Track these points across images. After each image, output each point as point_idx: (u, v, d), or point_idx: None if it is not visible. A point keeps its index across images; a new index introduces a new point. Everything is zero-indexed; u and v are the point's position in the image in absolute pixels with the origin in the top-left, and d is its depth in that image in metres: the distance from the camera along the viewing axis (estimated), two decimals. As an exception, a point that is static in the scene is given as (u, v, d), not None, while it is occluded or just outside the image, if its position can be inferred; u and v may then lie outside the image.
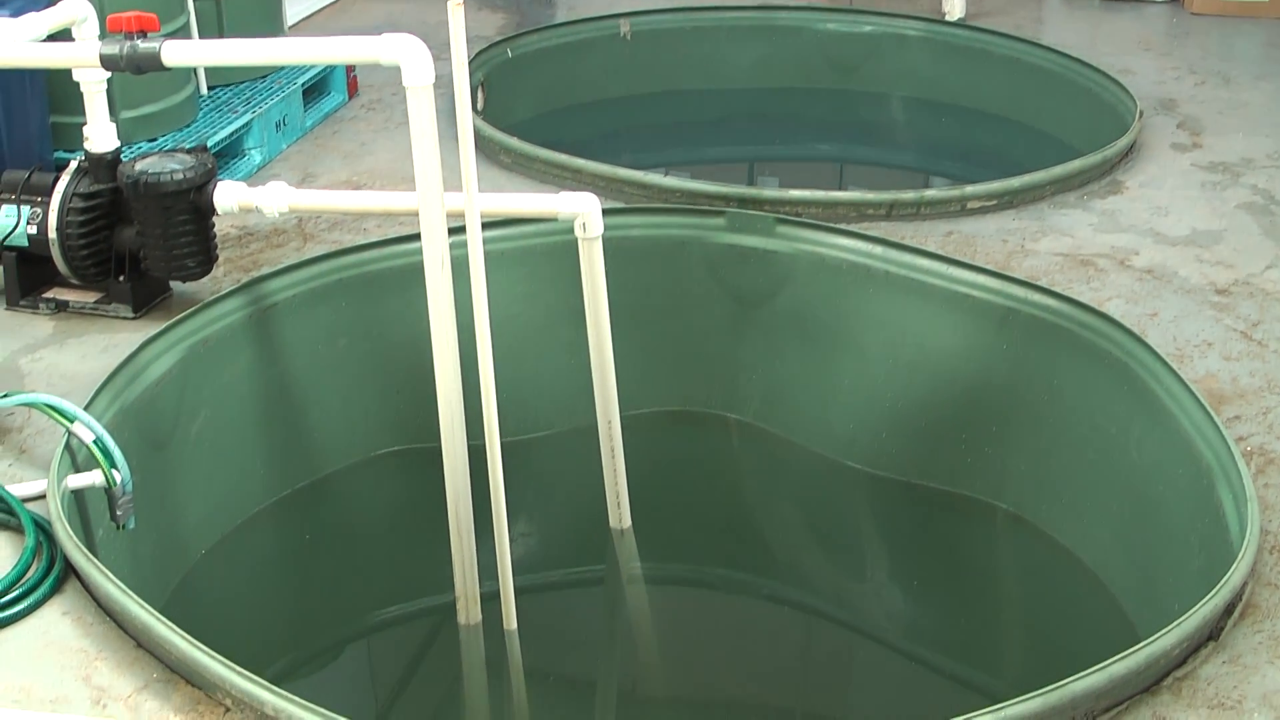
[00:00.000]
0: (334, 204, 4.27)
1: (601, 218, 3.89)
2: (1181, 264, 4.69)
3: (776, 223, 4.69)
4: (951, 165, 7.05)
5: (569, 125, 6.93)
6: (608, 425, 4.12)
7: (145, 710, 2.72)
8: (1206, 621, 2.90)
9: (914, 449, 4.52)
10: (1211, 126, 6.01)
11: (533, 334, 4.63)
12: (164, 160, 4.11)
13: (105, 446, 3.28)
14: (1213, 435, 3.58)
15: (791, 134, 7.39)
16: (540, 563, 4.45)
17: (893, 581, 4.52)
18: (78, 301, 4.30)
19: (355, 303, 4.46)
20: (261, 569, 4.29)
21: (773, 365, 4.76)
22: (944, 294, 4.41)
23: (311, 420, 4.45)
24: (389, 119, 5.95)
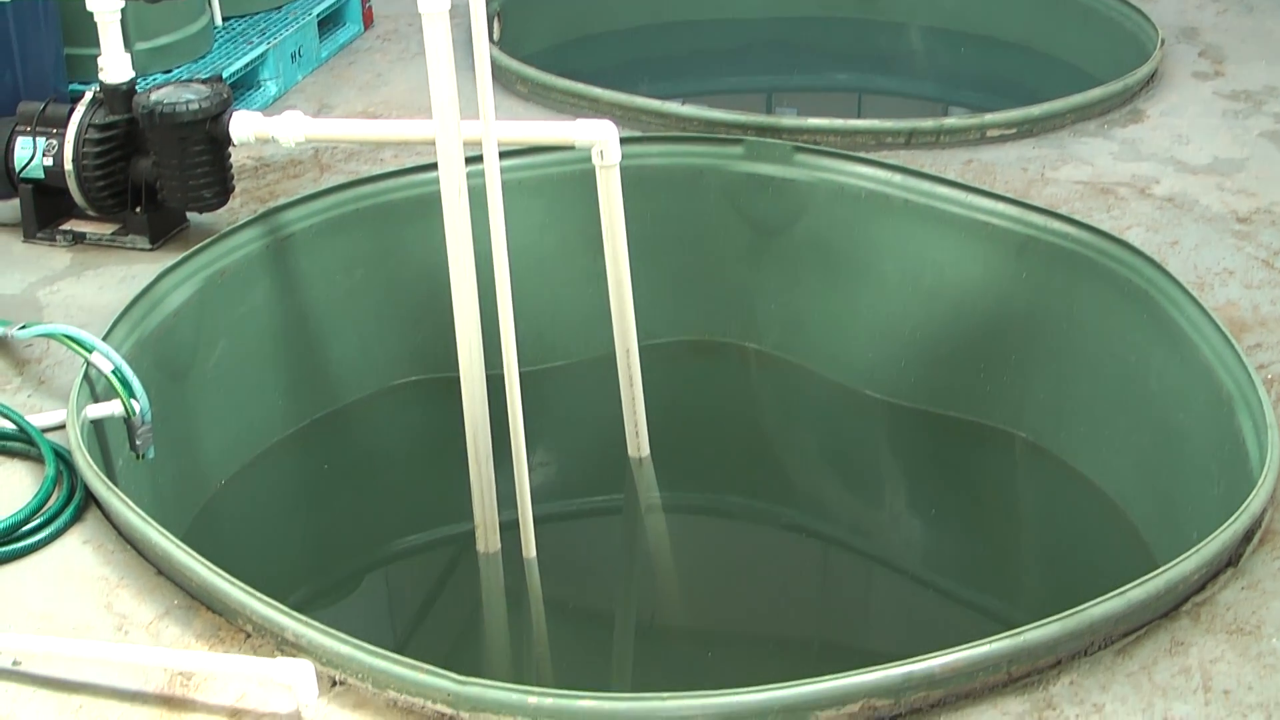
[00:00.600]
0: (350, 133, 4.25)
1: (619, 145, 3.87)
2: (1202, 192, 4.65)
3: (795, 151, 4.67)
4: (971, 94, 6.99)
5: (585, 55, 6.89)
6: (626, 354, 4.11)
7: (166, 636, 2.73)
8: (1226, 547, 2.90)
9: (933, 378, 4.51)
10: (1234, 55, 5.96)
11: (550, 263, 4.63)
12: (179, 90, 4.10)
13: (124, 376, 3.28)
14: (1233, 363, 3.56)
15: (810, 63, 7.34)
16: (559, 491, 4.46)
17: (911, 510, 4.53)
18: (95, 233, 4.29)
19: (372, 233, 4.45)
20: (281, 499, 4.31)
21: (791, 294, 4.75)
22: (963, 222, 4.39)
23: (329, 350, 4.45)
24: (405, 50, 5.92)
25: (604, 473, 4.47)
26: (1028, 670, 2.61)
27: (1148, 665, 2.67)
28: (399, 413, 4.57)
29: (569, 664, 3.79)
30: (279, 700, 2.54)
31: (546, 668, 3.80)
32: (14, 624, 2.75)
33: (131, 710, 2.54)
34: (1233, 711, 2.56)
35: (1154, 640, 2.74)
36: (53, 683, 2.60)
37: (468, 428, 3.62)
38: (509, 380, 3.54)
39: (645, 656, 3.93)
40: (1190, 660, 2.69)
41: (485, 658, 3.82)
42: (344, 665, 2.57)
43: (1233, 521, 2.91)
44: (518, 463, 3.63)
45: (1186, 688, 2.62)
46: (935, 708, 2.54)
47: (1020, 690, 2.59)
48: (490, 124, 3.31)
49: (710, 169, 4.74)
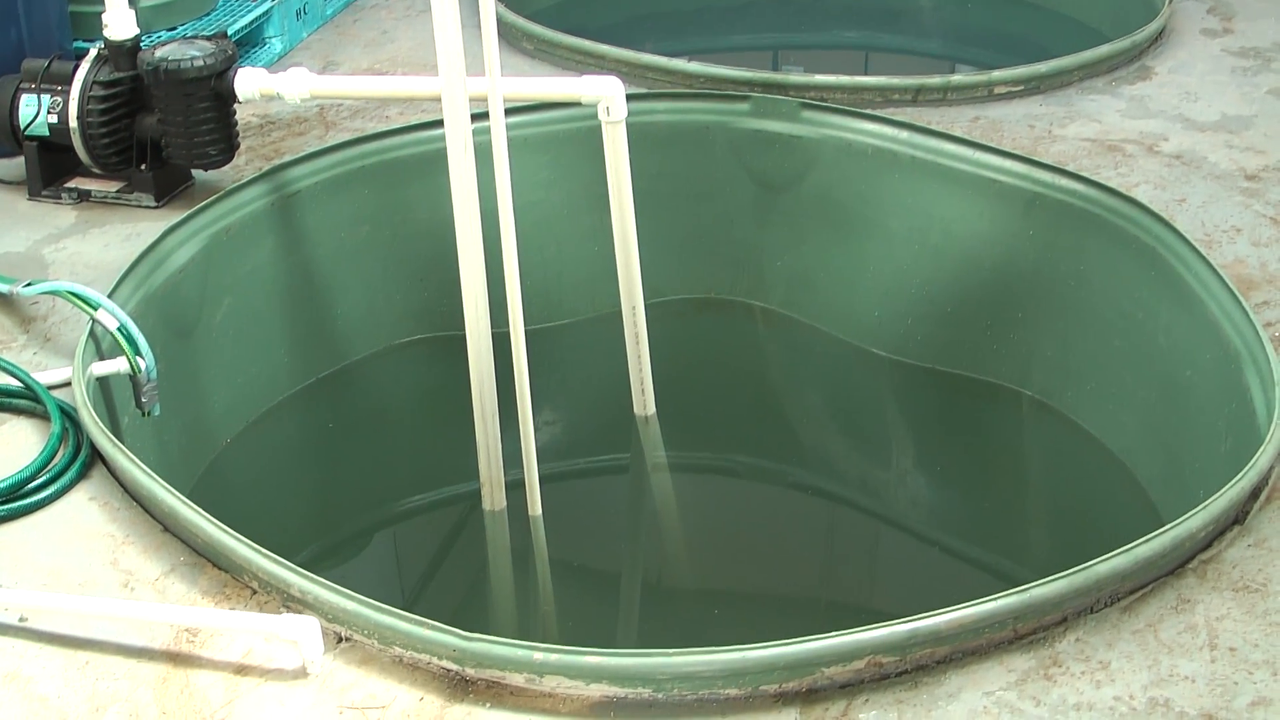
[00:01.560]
0: (356, 89, 4.25)
1: (625, 102, 3.85)
2: (1211, 150, 4.64)
3: (801, 107, 4.65)
4: (978, 51, 6.96)
5: (591, 11, 6.85)
6: (632, 312, 4.11)
7: (173, 593, 2.73)
8: (1233, 505, 2.90)
9: (940, 335, 4.51)
10: (1243, 11, 5.92)
11: (556, 220, 4.62)
12: (184, 47, 4.08)
13: (129, 333, 3.28)
14: (1241, 320, 3.56)
15: (816, 21, 7.29)
16: (565, 450, 4.46)
17: (918, 468, 4.53)
18: (100, 191, 4.28)
19: (378, 190, 4.44)
20: (287, 457, 4.32)
21: (798, 251, 4.74)
22: (970, 179, 4.37)
23: (335, 308, 4.45)
24: (410, 6, 5.89)
25: (610, 431, 4.47)
26: (1034, 627, 2.61)
27: (1154, 623, 2.67)
28: (405, 370, 4.57)
29: (574, 621, 3.80)
30: (285, 656, 2.55)
31: (552, 625, 3.81)
32: (20, 580, 2.76)
33: (138, 666, 2.55)
34: (1238, 669, 2.56)
35: (1160, 598, 2.74)
36: (59, 639, 2.61)
37: (473, 386, 3.62)
38: (515, 338, 3.54)
39: (651, 614, 3.94)
40: (1196, 618, 2.69)
41: (491, 615, 3.82)
42: (350, 621, 2.57)
43: (1240, 479, 2.91)
44: (523, 421, 3.63)
45: (1192, 645, 2.62)
46: (941, 664, 2.55)
47: (1026, 647, 2.60)
48: (496, 80, 3.30)
49: (717, 125, 4.72)
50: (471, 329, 3.56)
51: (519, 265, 3.49)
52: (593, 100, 3.84)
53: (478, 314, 3.54)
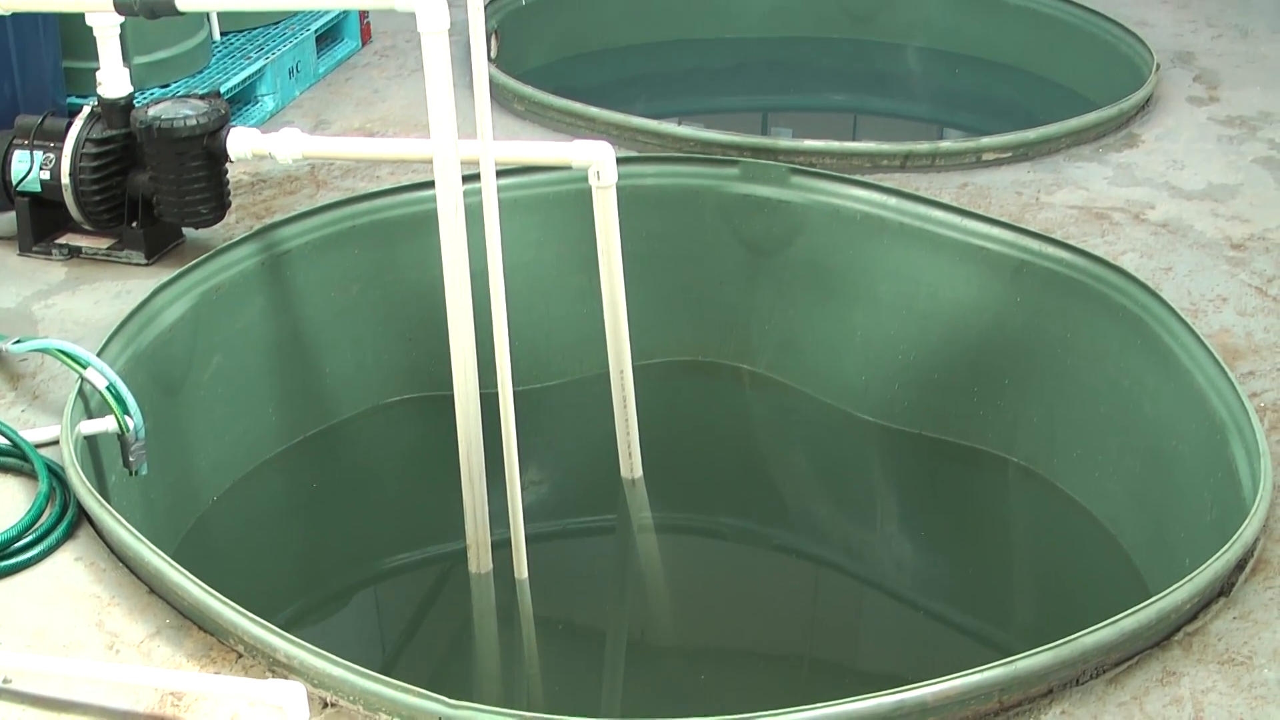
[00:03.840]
0: (347, 150, 4.26)
1: (615, 166, 3.87)
2: (1197, 218, 4.67)
3: (790, 173, 4.68)
4: (967, 116, 7.02)
5: (583, 73, 6.90)
6: (620, 375, 4.11)
7: (158, 656, 2.73)
8: (1218, 577, 2.91)
9: (926, 401, 4.52)
10: (1229, 80, 5.98)
11: (546, 282, 4.63)
12: (177, 106, 4.10)
13: (118, 392, 3.28)
14: (1226, 390, 3.57)
15: (806, 83, 7.36)
16: (551, 512, 4.46)
17: (904, 533, 4.53)
18: (91, 247, 4.29)
19: (368, 250, 4.45)
20: (273, 515, 4.30)
21: (786, 316, 4.76)
22: (958, 245, 4.40)
23: (324, 367, 4.45)
24: (402, 65, 5.92)
25: (597, 493, 4.47)
26: (1019, 699, 2.61)
27: (1139, 695, 2.67)
28: (393, 430, 4.57)
29: (561, 686, 3.79)
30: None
31: (538, 690, 3.79)
32: (5, 641, 2.75)
33: (122, 730, 2.54)
34: (1223, 742, 2.57)
35: (1145, 670, 2.74)
36: (43, 701, 2.60)
37: (461, 447, 3.62)
38: (503, 400, 3.54)
39: (637, 677, 3.93)
40: (1182, 690, 2.69)
41: (477, 679, 3.81)
42: (336, 687, 2.57)
43: (1225, 551, 2.92)
44: (510, 483, 3.63)
45: (1178, 718, 2.62)
46: (927, 736, 2.55)
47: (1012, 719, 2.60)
48: (488, 144, 3.32)
49: (706, 189, 4.75)
50: (460, 390, 3.57)
51: (508, 326, 3.49)
52: (583, 165, 3.86)
53: (466, 375, 3.55)
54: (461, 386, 3.56)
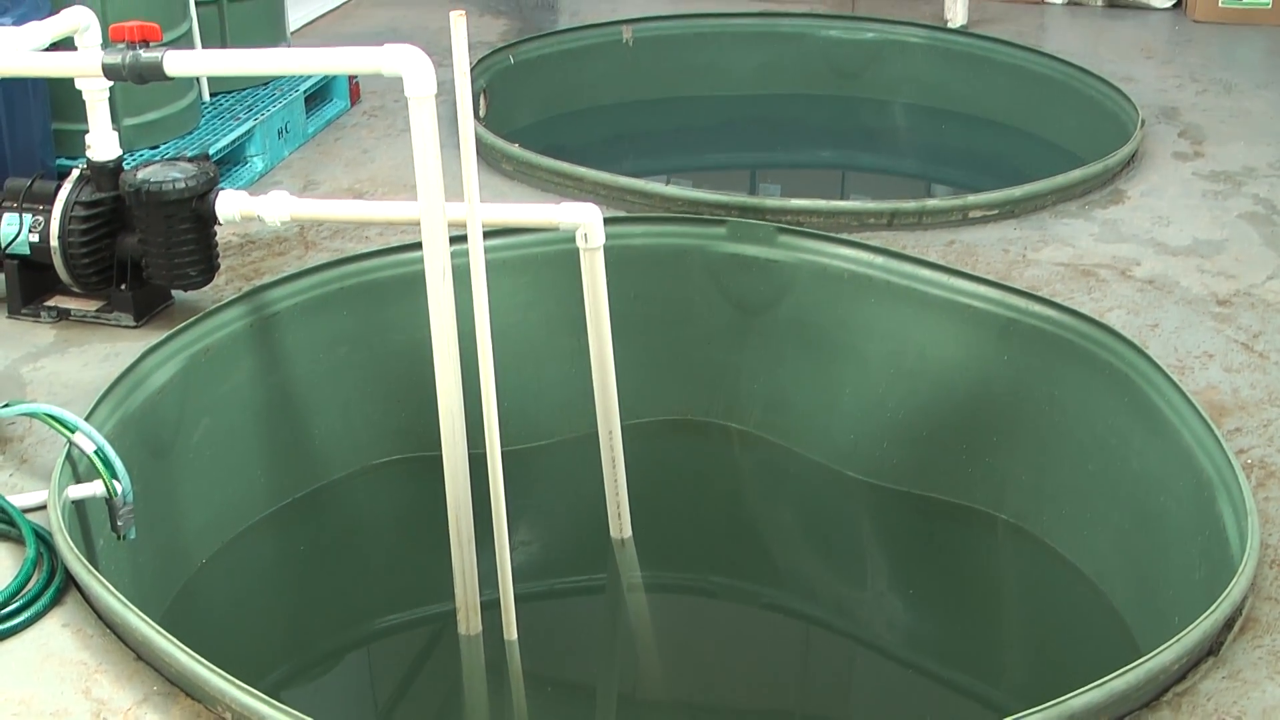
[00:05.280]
0: (335, 213, 4.27)
1: (603, 228, 3.89)
2: (1183, 274, 4.69)
3: (778, 232, 4.69)
4: (954, 172, 7.05)
5: (571, 131, 6.94)
6: (609, 435, 4.12)
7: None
8: (1206, 636, 2.91)
9: (915, 459, 4.52)
10: (1213, 135, 6.01)
11: (534, 342, 4.64)
12: (166, 169, 4.12)
13: (106, 457, 3.28)
14: (1213, 448, 3.58)
15: (794, 140, 7.39)
16: (541, 572, 4.44)
17: (893, 592, 4.52)
18: (79, 310, 4.30)
19: (357, 311, 4.46)
20: (262, 577, 4.29)
21: (774, 374, 4.76)
22: (945, 304, 4.41)
23: (312, 428, 4.45)
24: (391, 125, 5.95)
25: (586, 554, 4.46)
26: (1009, 762, 2.60)
27: (1128, 757, 2.67)
28: (381, 491, 4.56)
29: (551, 749, 3.78)
30: (257, 790, 2.53)
31: (528, 753, 3.79)
32: (-9, 710, 2.74)
33: (109, 799, 2.53)
34: (1213, 804, 2.56)
35: (1135, 731, 2.74)
36: (30, 770, 2.59)
37: (450, 508, 3.62)
38: (491, 461, 3.54)
39: (627, 740, 3.92)
40: (1171, 752, 2.69)
41: (466, 743, 3.81)
42: (323, 754, 2.56)
43: (1213, 610, 2.92)
44: (499, 545, 3.62)
45: (1167, 780, 2.62)
46: (916, 800, 2.54)
47: (1001, 782, 2.59)
48: (475, 208, 3.33)
49: (694, 249, 4.77)
50: (448, 451, 3.57)
51: (496, 386, 3.50)
52: (571, 227, 3.87)
53: (455, 436, 3.55)
54: (450, 448, 3.56)
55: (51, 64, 3.99)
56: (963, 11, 7.60)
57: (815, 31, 7.40)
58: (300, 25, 7.39)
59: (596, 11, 7.88)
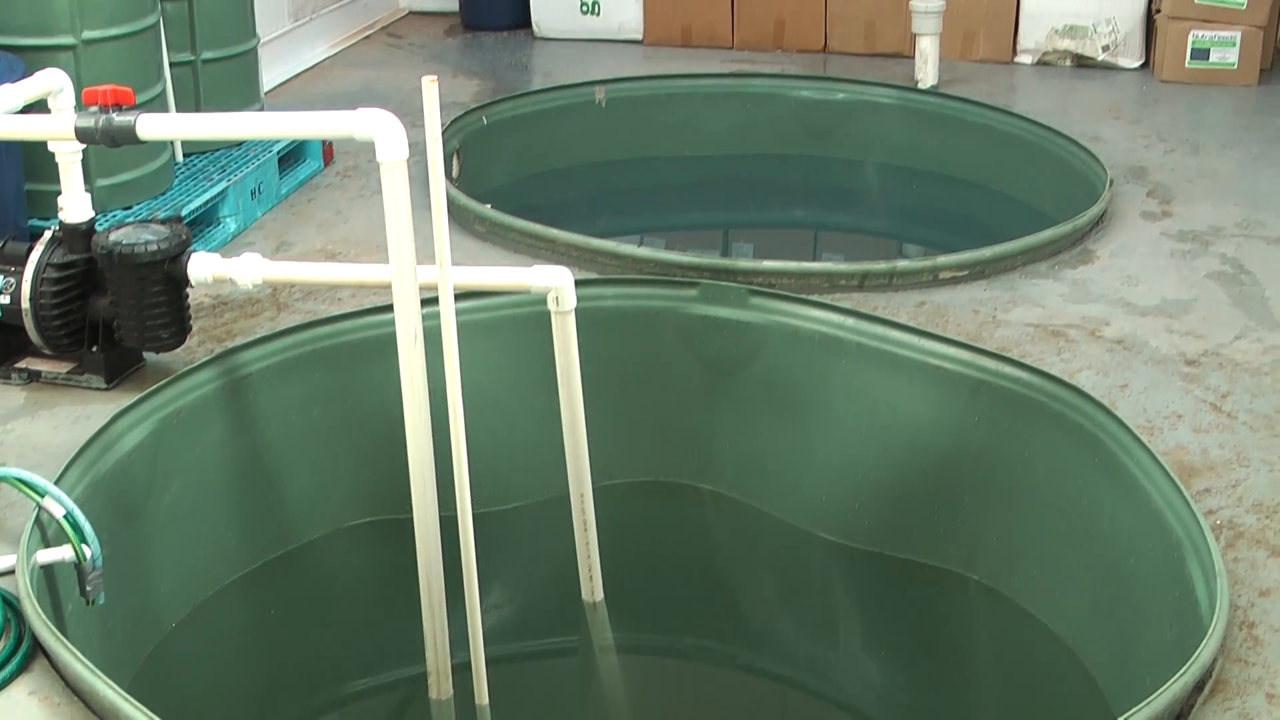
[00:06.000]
0: (307, 276, 4.29)
1: (574, 291, 3.90)
2: (1152, 334, 4.71)
3: (749, 294, 4.71)
4: (925, 231, 7.09)
5: (545, 190, 6.96)
6: (580, 498, 4.12)
7: (113, 792, 2.70)
8: (1176, 699, 2.91)
9: (887, 520, 4.52)
10: (1181, 195, 6.06)
11: (506, 404, 4.64)
12: (138, 231, 4.12)
13: (76, 521, 3.27)
14: (1182, 509, 3.60)
15: (766, 200, 7.43)
16: (513, 635, 4.42)
17: (867, 653, 4.52)
18: (50, 372, 4.29)
19: (329, 373, 4.46)
20: (233, 641, 4.27)
21: (746, 436, 4.77)
22: (916, 365, 4.43)
23: (284, 491, 4.44)
24: (364, 186, 5.97)
25: (558, 616, 4.44)
26: (979, 827, 2.60)
27: (1099, 822, 2.67)
28: (353, 554, 4.54)
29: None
30: None
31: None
32: (-44, 779, 2.72)
33: None
34: None
35: (1106, 796, 2.74)
36: (-5, 841, 2.57)
37: (421, 572, 3.62)
38: (462, 523, 3.54)
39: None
40: (1142, 816, 2.69)
41: (438, 810, 3.78)
42: (292, 823, 2.55)
43: (1182, 673, 2.93)
44: (471, 608, 3.62)
45: (1138, 845, 2.62)
46: None
47: None
48: (447, 274, 3.34)
49: (666, 311, 4.78)
50: (419, 514, 3.57)
51: (468, 449, 3.50)
52: (543, 290, 3.88)
53: (425, 499, 3.55)
54: (421, 511, 3.56)
55: (24, 127, 3.99)
56: (933, 72, 7.66)
57: (787, 92, 7.45)
58: (274, 85, 7.42)
59: (569, 72, 7.93)
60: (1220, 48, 7.79)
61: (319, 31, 8.35)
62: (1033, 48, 8.27)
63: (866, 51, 8.42)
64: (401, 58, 8.41)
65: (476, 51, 8.68)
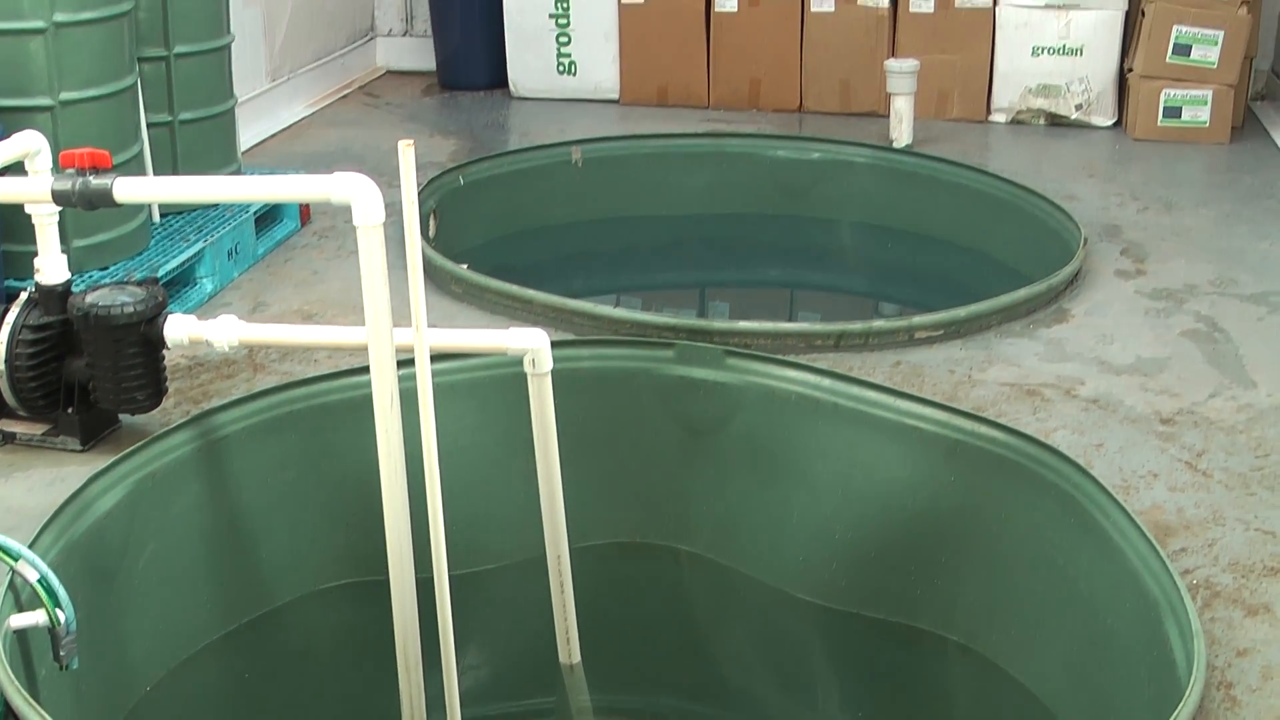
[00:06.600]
0: (284, 337, 4.29)
1: (551, 353, 3.91)
2: (1127, 393, 4.73)
3: (725, 355, 4.72)
4: (900, 290, 7.11)
5: (522, 250, 6.97)
6: (557, 560, 4.11)
7: None
8: (1154, 761, 2.91)
9: (864, 580, 4.52)
10: (1155, 253, 6.10)
11: (482, 465, 4.63)
12: (114, 293, 4.12)
13: (50, 586, 3.25)
14: (1158, 569, 3.60)
15: (742, 259, 7.45)
16: (489, 697, 4.41)
17: (844, 715, 4.51)
18: (25, 433, 4.28)
19: (305, 434, 4.45)
20: (208, 704, 4.24)
21: (723, 496, 4.77)
22: (892, 426, 4.43)
23: (260, 553, 4.42)
24: (341, 247, 5.97)
25: (535, 679, 4.43)
26: None
27: None
28: (329, 616, 4.52)
29: None
30: None
31: None
32: None
33: None
34: None
35: None
36: None
37: (397, 635, 3.60)
38: (439, 587, 3.53)
39: None
40: None
41: None
42: None
43: (1159, 736, 2.93)
44: (447, 671, 3.59)
45: None
46: None
47: None
48: (423, 337, 3.34)
49: (642, 372, 4.78)
50: (395, 577, 3.55)
51: (445, 511, 3.49)
52: (519, 352, 3.89)
53: (401, 562, 3.54)
54: (397, 574, 3.55)
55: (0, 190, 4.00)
56: (908, 131, 7.71)
57: (763, 152, 7.48)
58: (252, 144, 7.44)
59: (546, 132, 7.97)
60: (1192, 106, 7.86)
61: (296, 91, 8.39)
62: (1007, 106, 8.34)
63: (842, 111, 8.48)
64: (379, 117, 8.45)
65: (453, 111, 8.72)
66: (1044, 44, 8.19)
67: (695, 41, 8.58)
